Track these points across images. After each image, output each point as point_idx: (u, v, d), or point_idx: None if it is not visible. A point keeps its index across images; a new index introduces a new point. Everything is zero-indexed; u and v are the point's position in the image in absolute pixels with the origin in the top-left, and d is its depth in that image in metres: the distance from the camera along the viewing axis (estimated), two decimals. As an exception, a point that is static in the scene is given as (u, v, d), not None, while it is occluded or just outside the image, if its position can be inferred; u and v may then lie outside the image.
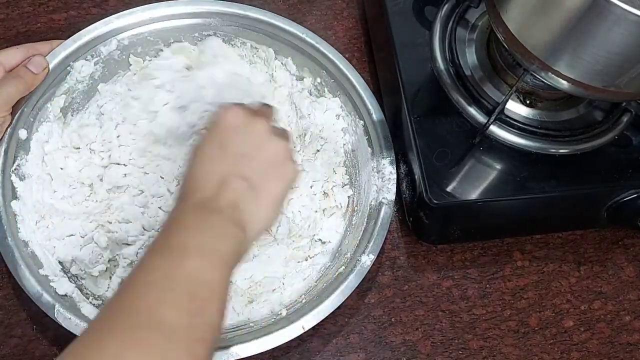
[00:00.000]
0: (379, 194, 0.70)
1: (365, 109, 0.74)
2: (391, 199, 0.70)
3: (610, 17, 0.53)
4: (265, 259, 0.70)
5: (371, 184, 0.71)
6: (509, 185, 0.68)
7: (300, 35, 0.76)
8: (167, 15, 0.75)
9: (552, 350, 0.71)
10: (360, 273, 0.66)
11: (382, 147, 0.72)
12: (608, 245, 0.76)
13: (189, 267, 0.48)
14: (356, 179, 0.74)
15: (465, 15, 0.75)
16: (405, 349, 0.69)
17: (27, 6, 0.82)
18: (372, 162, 0.72)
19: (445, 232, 0.72)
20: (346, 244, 0.71)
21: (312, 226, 0.72)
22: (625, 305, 0.73)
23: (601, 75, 0.59)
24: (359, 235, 0.69)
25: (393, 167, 0.71)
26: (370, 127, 0.73)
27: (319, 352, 0.68)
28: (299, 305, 0.67)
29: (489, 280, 0.73)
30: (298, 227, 0.71)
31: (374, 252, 0.67)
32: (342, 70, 0.75)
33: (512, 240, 0.75)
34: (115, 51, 0.74)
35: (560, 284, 0.74)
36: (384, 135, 0.73)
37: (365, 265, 0.66)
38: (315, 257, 0.71)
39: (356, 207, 0.73)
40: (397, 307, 0.71)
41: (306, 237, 0.72)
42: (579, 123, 0.71)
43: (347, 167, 0.75)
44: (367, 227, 0.69)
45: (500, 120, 0.68)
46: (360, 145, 0.74)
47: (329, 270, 0.69)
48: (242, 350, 0.62)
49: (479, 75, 0.72)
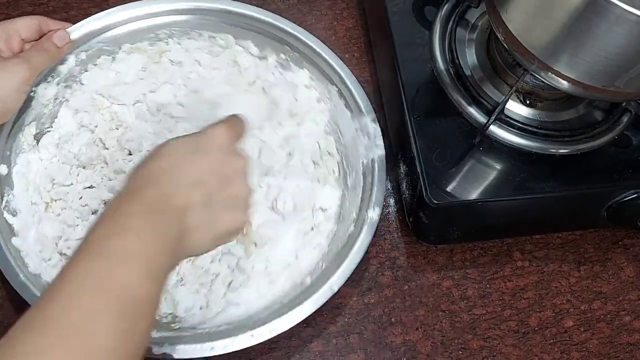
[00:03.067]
0: (368, 152, 0.71)
1: (336, 75, 0.75)
2: (381, 153, 0.71)
3: (610, 17, 0.53)
4: (276, 239, 0.70)
5: (357, 145, 0.72)
6: (509, 185, 0.68)
7: (256, 16, 0.76)
8: (122, 20, 0.75)
9: (552, 350, 0.70)
10: (370, 228, 0.67)
11: (361, 107, 0.73)
12: (608, 245, 0.76)
13: (120, 279, 0.44)
14: (341, 143, 0.75)
15: (465, 15, 0.75)
16: (406, 349, 0.69)
17: (27, 6, 0.82)
18: (354, 123, 0.73)
19: (445, 232, 0.72)
20: (347, 206, 0.71)
21: (311, 196, 0.73)
22: (625, 305, 0.73)
23: (601, 75, 0.59)
24: (358, 194, 0.70)
25: (376, 124, 0.72)
26: (344, 91, 0.74)
27: (319, 352, 0.68)
28: (318, 272, 0.67)
29: (489, 280, 0.73)
30: (300, 200, 0.72)
31: (378, 206, 0.68)
32: (305, 42, 0.75)
33: (512, 241, 0.75)
34: (74, 67, 0.73)
35: (560, 284, 0.74)
36: (360, 96, 0.73)
37: (374, 220, 0.67)
38: (320, 225, 0.72)
39: (348, 168, 0.74)
40: (397, 307, 0.71)
41: (308, 208, 0.73)
42: (579, 123, 0.71)
43: (330, 133, 0.76)
44: (365, 186, 0.70)
45: (500, 121, 0.68)
46: (338, 110, 0.75)
47: (338, 234, 0.70)
48: (280, 325, 0.62)
49: (479, 75, 0.72)
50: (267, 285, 0.68)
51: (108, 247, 0.46)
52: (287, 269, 0.69)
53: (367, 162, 0.71)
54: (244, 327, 0.63)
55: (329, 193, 0.73)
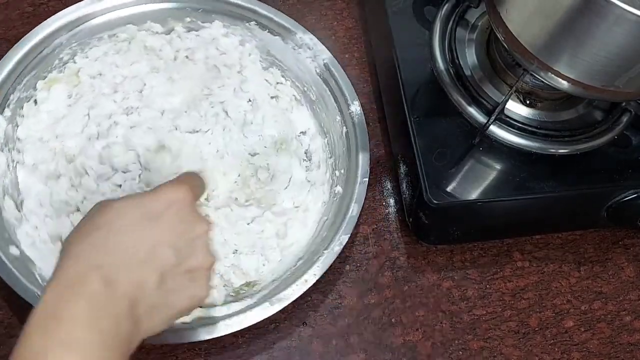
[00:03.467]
0: (316, 60, 0.75)
1: (249, 10, 0.77)
2: (327, 56, 0.75)
3: (610, 17, 0.53)
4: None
5: (301, 61, 0.76)
6: (509, 185, 0.68)
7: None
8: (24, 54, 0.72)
9: (552, 350, 0.70)
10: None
11: (289, 28, 0.76)
12: (608, 245, 0.76)
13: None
14: (285, 69, 0.77)
15: (465, 15, 0.75)
16: (406, 349, 0.69)
17: (27, 6, 0.82)
18: (287, 44, 0.76)
19: (445, 233, 0.72)
20: (325, 118, 0.75)
21: (288, 127, 0.76)
22: (625, 305, 0.73)
23: (601, 75, 0.59)
24: (329, 96, 0.74)
25: (310, 35, 0.76)
26: (264, 20, 0.77)
27: (319, 352, 0.68)
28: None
29: (489, 280, 0.73)
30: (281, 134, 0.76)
31: (356, 100, 0.73)
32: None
33: (512, 241, 0.75)
34: (7, 127, 0.70)
35: (560, 284, 0.74)
36: (281, 17, 0.77)
37: (357, 112, 0.72)
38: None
39: (304, 85, 0.76)
40: (397, 308, 0.71)
41: (291, 138, 0.76)
42: (579, 123, 0.71)
43: (269, 66, 0.78)
44: (331, 88, 0.74)
45: (500, 121, 0.68)
46: (266, 41, 0.77)
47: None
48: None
49: (479, 75, 0.72)
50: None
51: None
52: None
53: (319, 69, 0.75)
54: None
55: (299, 115, 0.76)
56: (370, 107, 0.79)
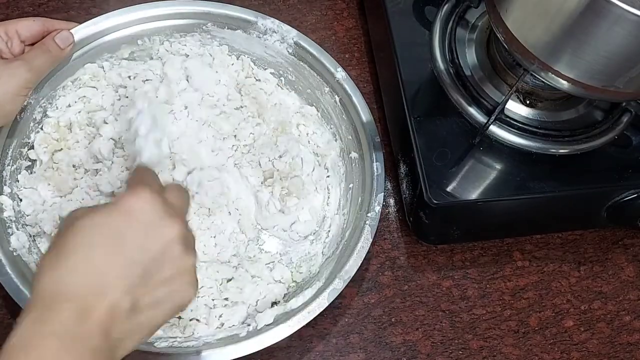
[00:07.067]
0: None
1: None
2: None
3: (610, 17, 0.53)
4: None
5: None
6: (509, 185, 0.68)
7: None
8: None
9: (552, 350, 0.71)
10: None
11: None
12: (608, 245, 0.76)
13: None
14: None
15: (465, 15, 0.75)
16: (406, 349, 0.69)
17: (27, 6, 0.82)
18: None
19: (445, 232, 0.72)
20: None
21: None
22: (625, 305, 0.73)
23: (601, 75, 0.59)
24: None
25: (300, 32, 0.74)
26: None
27: (319, 352, 0.68)
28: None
29: (489, 280, 0.73)
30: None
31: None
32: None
33: (512, 241, 0.75)
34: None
35: (560, 284, 0.74)
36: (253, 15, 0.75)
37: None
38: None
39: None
40: (397, 307, 0.71)
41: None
42: (579, 123, 0.71)
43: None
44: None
45: (500, 120, 0.68)
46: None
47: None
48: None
49: (479, 75, 0.72)
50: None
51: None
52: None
53: (291, 48, 0.74)
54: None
55: (286, 98, 0.77)
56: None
